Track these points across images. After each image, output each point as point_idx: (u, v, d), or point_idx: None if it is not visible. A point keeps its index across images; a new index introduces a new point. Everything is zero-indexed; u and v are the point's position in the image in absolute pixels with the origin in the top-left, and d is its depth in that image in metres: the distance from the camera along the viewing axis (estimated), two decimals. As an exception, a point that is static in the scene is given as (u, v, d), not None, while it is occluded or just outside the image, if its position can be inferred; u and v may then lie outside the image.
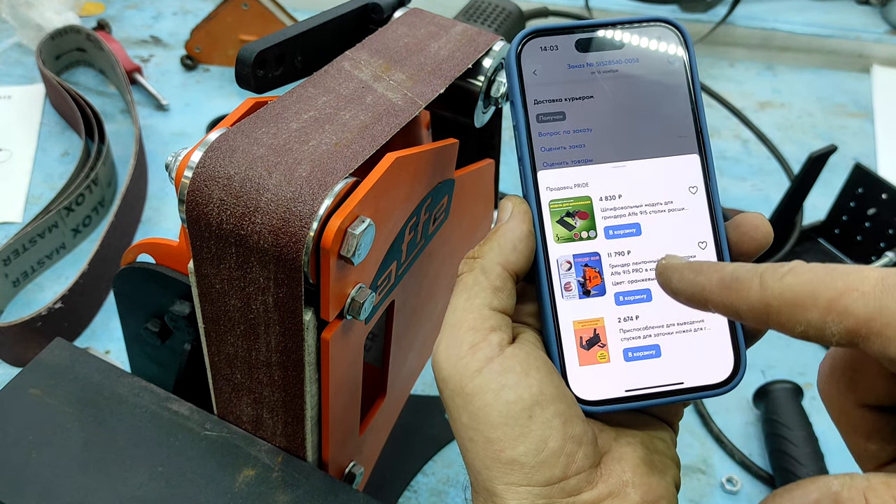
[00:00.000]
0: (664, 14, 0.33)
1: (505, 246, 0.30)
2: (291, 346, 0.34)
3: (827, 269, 0.23)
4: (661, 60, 0.32)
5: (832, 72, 1.15)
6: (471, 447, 0.28)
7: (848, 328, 0.22)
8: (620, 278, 0.31)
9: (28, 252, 0.72)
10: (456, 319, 0.29)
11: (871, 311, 0.22)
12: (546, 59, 0.31)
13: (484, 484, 0.28)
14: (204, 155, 0.31)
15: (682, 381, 0.30)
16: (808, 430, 0.64)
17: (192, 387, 0.44)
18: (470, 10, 0.83)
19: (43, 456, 0.38)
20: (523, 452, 0.27)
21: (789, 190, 0.77)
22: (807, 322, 0.23)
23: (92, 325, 0.71)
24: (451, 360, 0.28)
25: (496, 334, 0.29)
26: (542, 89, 0.31)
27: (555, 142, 0.31)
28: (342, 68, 0.37)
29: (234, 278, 0.33)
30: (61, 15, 0.96)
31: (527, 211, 0.31)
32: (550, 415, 0.28)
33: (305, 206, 0.30)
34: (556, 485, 0.27)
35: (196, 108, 0.96)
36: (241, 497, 0.37)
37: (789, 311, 0.23)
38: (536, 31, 0.31)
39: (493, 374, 0.28)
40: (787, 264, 0.24)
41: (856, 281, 0.22)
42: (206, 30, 0.99)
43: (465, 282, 0.30)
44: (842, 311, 0.22)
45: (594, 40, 0.32)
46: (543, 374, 0.28)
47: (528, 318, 0.32)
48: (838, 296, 0.22)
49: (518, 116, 0.31)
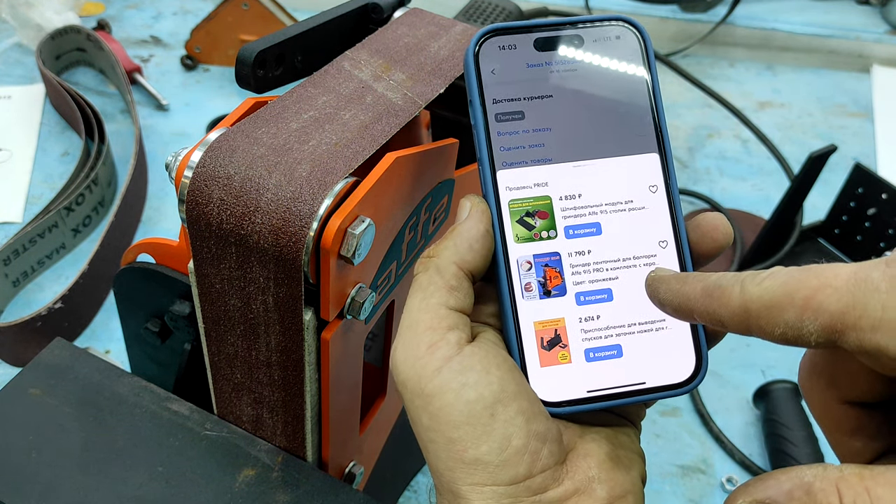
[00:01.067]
0: (621, 14, 0.33)
1: (461, 245, 0.30)
2: (291, 346, 0.34)
3: (803, 270, 0.23)
4: (620, 59, 0.32)
5: (832, 72, 1.15)
6: (432, 449, 0.28)
7: (823, 325, 0.22)
8: (581, 278, 0.31)
9: (28, 252, 0.72)
10: (412, 320, 0.29)
11: (845, 306, 0.22)
12: (504, 58, 0.31)
13: (448, 486, 0.28)
14: (204, 155, 0.31)
15: (644, 381, 0.30)
16: (808, 430, 0.64)
17: (192, 387, 0.44)
18: (470, 10, 0.83)
19: (43, 456, 0.38)
20: (486, 451, 0.27)
21: (789, 190, 0.77)
22: (784, 323, 0.23)
23: (92, 325, 0.71)
24: (409, 361, 0.28)
25: (454, 333, 0.28)
26: (500, 88, 0.31)
27: (514, 141, 0.31)
28: (342, 68, 0.37)
29: (234, 278, 0.33)
30: (61, 15, 0.96)
31: (485, 210, 0.30)
32: (513, 412, 0.27)
33: (305, 205, 0.30)
34: (521, 483, 0.27)
35: (196, 108, 0.96)
36: (241, 497, 0.37)
37: (767, 314, 0.23)
38: (494, 30, 0.31)
39: (452, 374, 0.27)
40: (768, 270, 0.24)
41: (829, 278, 0.22)
42: (206, 30, 0.99)
43: (419, 282, 0.30)
44: (816, 308, 0.22)
45: (552, 39, 0.32)
46: (504, 372, 0.28)
47: (488, 319, 0.31)
48: (813, 293, 0.22)
49: (477, 116, 0.31)
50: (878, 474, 0.21)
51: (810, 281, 0.23)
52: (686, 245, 0.31)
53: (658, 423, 0.68)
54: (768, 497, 0.23)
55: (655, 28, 1.17)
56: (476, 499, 0.27)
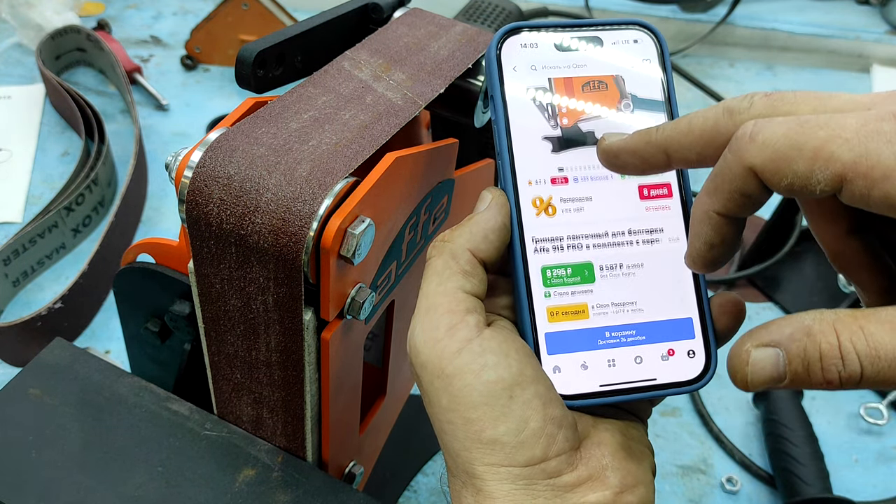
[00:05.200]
0: (640, 19, 0.34)
1: (476, 234, 0.30)
2: (291, 346, 0.34)
3: (800, 121, 0.24)
4: (637, 62, 0.33)
5: (832, 72, 1.15)
6: (450, 429, 0.28)
7: (835, 173, 0.23)
8: (598, 275, 0.31)
9: (28, 252, 0.72)
10: (430, 304, 0.29)
11: (857, 156, 0.23)
12: (525, 56, 0.32)
13: (463, 466, 0.28)
14: (204, 155, 0.31)
15: (655, 378, 0.31)
16: (808, 430, 0.64)
17: (192, 387, 0.44)
18: (470, 10, 0.83)
19: (43, 456, 0.38)
20: (504, 432, 0.27)
21: (789, 190, 0.77)
22: (793, 173, 0.24)
23: (92, 325, 0.71)
24: (430, 344, 0.28)
25: (472, 316, 0.29)
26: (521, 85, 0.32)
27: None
28: (342, 68, 0.37)
29: (234, 278, 0.33)
30: (61, 15, 0.96)
31: (504, 204, 0.31)
32: (531, 395, 0.28)
33: (305, 205, 0.30)
34: (536, 465, 0.27)
35: (196, 108, 0.96)
36: (241, 497, 0.37)
37: (773, 166, 0.24)
38: (517, 28, 0.32)
39: (472, 355, 0.28)
40: (748, 123, 0.25)
41: (837, 128, 0.23)
42: (206, 30, 0.99)
43: (434, 266, 0.30)
44: (828, 158, 0.23)
45: (572, 40, 0.32)
46: (522, 356, 0.28)
47: (502, 311, 0.32)
48: (822, 143, 0.23)
49: (498, 111, 0.31)
50: (870, 314, 0.23)
51: (817, 132, 0.23)
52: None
53: (658, 423, 0.68)
54: (772, 340, 0.24)
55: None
56: (492, 479, 0.27)
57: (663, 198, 0.32)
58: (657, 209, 0.32)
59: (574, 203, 0.31)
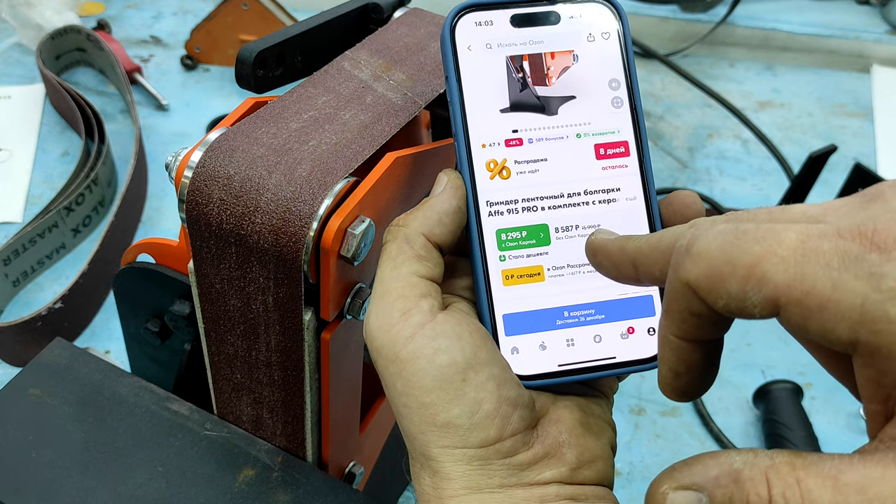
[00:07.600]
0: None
1: (431, 217, 0.30)
2: (291, 346, 0.34)
3: (737, 232, 0.21)
4: (596, 36, 0.32)
5: (832, 72, 1.15)
6: (406, 413, 0.28)
7: (767, 296, 0.20)
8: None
9: (28, 252, 0.72)
10: (384, 289, 0.29)
11: (790, 278, 0.20)
12: (480, 34, 0.31)
13: (420, 449, 0.28)
14: (204, 155, 0.32)
15: (614, 356, 0.31)
16: (809, 430, 0.64)
17: (192, 387, 0.44)
18: (470, 10, 0.83)
19: (43, 456, 0.38)
20: (457, 415, 0.27)
21: (789, 190, 0.77)
22: (727, 294, 0.21)
23: (92, 325, 0.71)
24: (384, 329, 0.28)
25: (426, 301, 0.29)
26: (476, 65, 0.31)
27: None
28: (342, 68, 0.37)
29: (234, 278, 0.33)
30: (61, 15, 0.96)
31: (460, 186, 0.31)
32: (484, 378, 0.28)
33: (305, 205, 0.30)
34: (491, 446, 0.28)
35: (196, 108, 0.96)
36: (241, 497, 0.37)
37: (707, 283, 0.21)
38: (471, 6, 0.31)
39: (425, 339, 0.28)
40: (688, 232, 0.23)
41: (774, 243, 0.20)
42: (206, 30, 0.99)
43: (388, 251, 0.30)
44: (760, 278, 0.20)
45: (529, 16, 0.32)
46: (477, 339, 0.28)
47: (462, 292, 0.32)
48: (756, 260, 0.20)
49: (452, 90, 0.31)
50: (810, 464, 0.20)
51: (753, 246, 0.21)
52: (658, 222, 0.32)
53: (658, 423, 0.68)
54: (694, 483, 0.21)
55: (655, 28, 1.17)
56: (446, 461, 0.28)
57: (620, 156, 0.32)
58: (613, 168, 0.31)
59: (529, 164, 0.31)
